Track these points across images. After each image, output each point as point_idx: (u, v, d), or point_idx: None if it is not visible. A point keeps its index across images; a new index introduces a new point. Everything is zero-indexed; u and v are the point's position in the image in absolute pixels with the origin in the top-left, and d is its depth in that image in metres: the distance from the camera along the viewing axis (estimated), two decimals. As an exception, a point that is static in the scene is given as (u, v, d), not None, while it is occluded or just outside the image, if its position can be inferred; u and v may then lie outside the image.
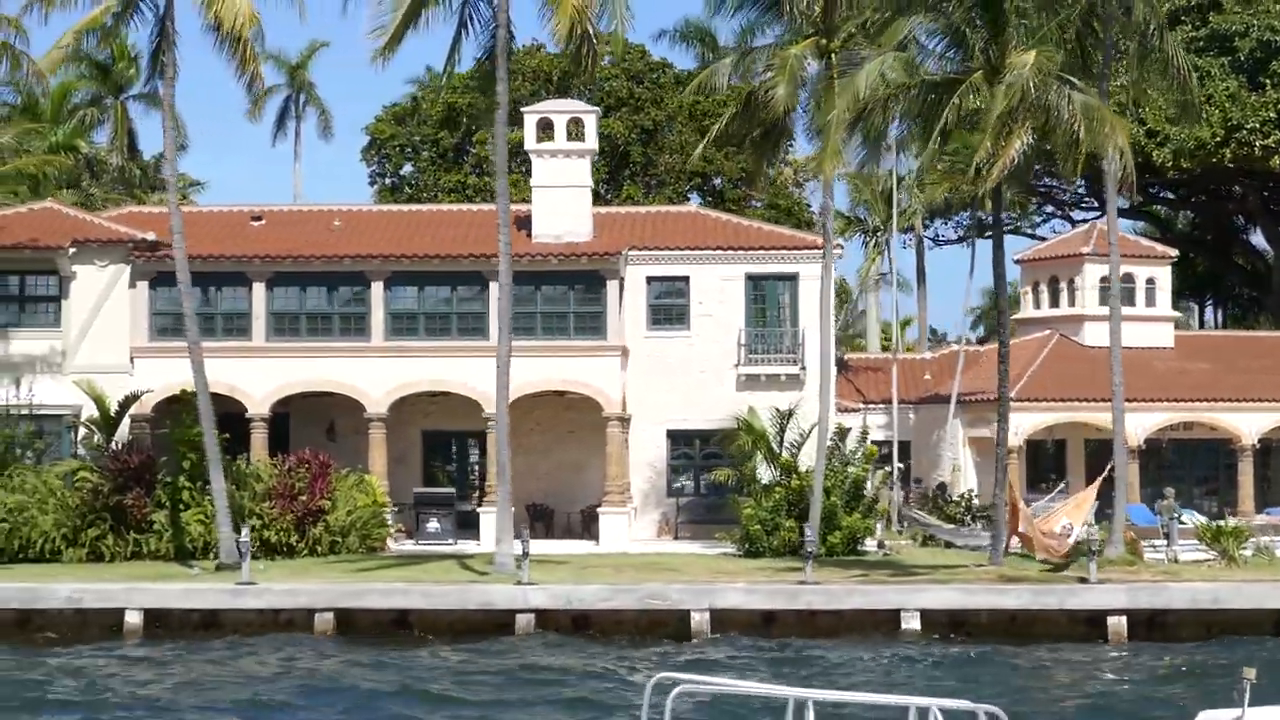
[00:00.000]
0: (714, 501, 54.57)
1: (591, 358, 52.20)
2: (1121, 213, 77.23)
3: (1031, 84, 37.65)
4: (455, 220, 57.59)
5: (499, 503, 43.56)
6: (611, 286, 52.36)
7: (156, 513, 48.13)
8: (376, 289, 52.66)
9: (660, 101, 76.06)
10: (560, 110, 55.54)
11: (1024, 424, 56.99)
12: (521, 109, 56.93)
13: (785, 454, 48.99)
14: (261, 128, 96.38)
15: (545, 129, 55.20)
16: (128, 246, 52.79)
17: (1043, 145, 40.02)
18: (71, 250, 52.30)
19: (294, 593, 40.55)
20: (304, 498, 48.61)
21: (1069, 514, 43.27)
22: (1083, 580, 40.60)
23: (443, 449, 56.26)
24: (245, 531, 42.07)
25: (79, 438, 52.20)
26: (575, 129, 54.89)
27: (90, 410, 51.76)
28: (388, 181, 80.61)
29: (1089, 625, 39.49)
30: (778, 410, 49.70)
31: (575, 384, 52.54)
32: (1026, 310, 65.05)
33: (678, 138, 75.19)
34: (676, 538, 54.08)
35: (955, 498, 54.39)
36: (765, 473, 49.59)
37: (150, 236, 52.72)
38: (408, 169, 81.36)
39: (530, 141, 55.07)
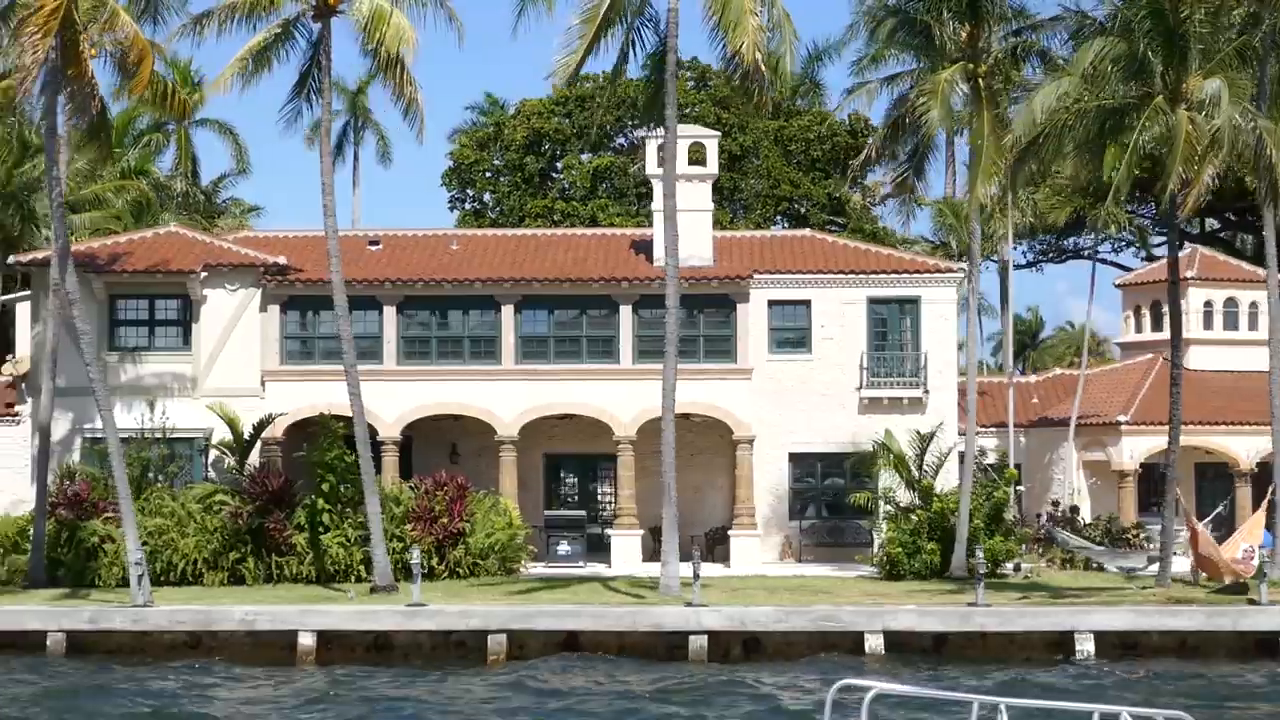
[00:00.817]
0: (836, 524, 54.83)
1: (721, 380, 52.50)
2: (1190, 237, 77.50)
3: (1226, 108, 37.91)
4: (570, 244, 57.89)
5: (665, 526, 43.75)
6: (741, 310, 52.68)
7: (296, 536, 48.15)
8: (507, 312, 52.95)
9: (744, 127, 76.33)
10: (683, 135, 55.75)
11: (1139, 448, 57.32)
12: (644, 134, 57.18)
13: (925, 477, 49.12)
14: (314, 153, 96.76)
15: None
16: (258, 270, 53.04)
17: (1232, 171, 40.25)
18: (203, 274, 52.53)
19: (466, 615, 40.71)
20: (444, 520, 48.75)
21: (1245, 538, 43.57)
22: (1252, 602, 40.81)
23: (566, 472, 56.34)
24: (416, 553, 42.33)
25: (209, 461, 52.37)
26: (697, 154, 55.12)
27: (220, 433, 52.01)
28: (468, 206, 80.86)
29: (1260, 648, 39.72)
30: (919, 434, 49.93)
31: (705, 407, 52.78)
32: (1127, 334, 65.32)
33: (764, 162, 75.48)
34: (799, 560, 54.23)
35: (1090, 520, 54.67)
36: (902, 495, 49.80)
37: (281, 260, 52.98)
38: (487, 195, 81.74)
39: (651, 166, 55.31)
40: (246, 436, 51.52)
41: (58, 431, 52.92)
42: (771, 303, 54.94)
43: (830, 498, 55.12)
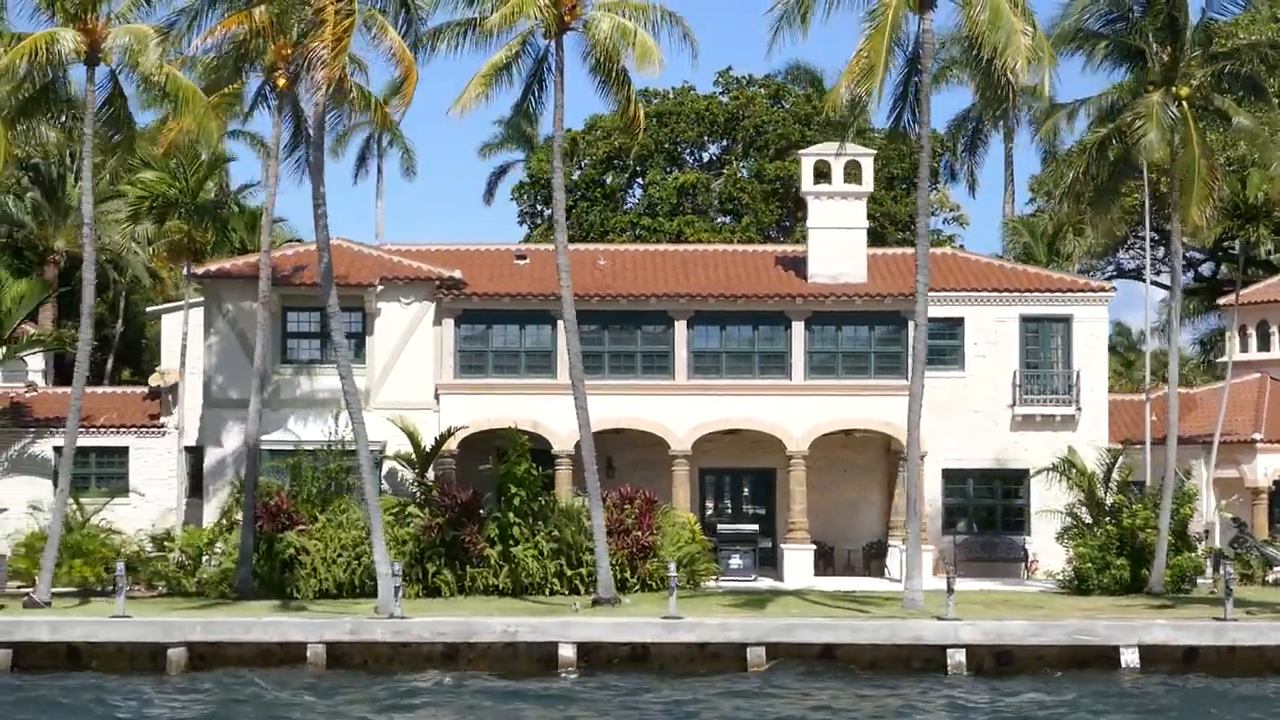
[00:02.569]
0: (989, 539, 55.74)
1: (891, 397, 53.13)
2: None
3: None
4: (717, 260, 58.55)
5: (910, 540, 44.56)
6: (911, 327, 53.37)
7: (488, 549, 48.53)
8: (680, 328, 53.52)
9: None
10: (838, 153, 56.63)
11: (1272, 465, 58.50)
12: (799, 152, 58.04)
13: (1112, 494, 50.11)
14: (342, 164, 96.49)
15: (821, 173, 56.23)
16: (433, 284, 53.35)
17: None
18: (379, 287, 52.79)
19: (726, 627, 41.32)
20: (636, 534, 49.29)
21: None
22: None
23: (722, 486, 56.98)
24: (673, 567, 42.84)
25: (384, 473, 52.67)
26: (852, 172, 55.98)
27: (393, 446, 52.31)
28: (538, 221, 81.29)
29: None
30: (1109, 450, 50.95)
31: (874, 422, 53.66)
32: (1233, 353, 66.59)
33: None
34: (954, 575, 54.88)
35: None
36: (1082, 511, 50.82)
37: (457, 274, 53.34)
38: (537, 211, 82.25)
39: (807, 184, 56.13)
40: (428, 449, 51.69)
41: (230, 444, 53.02)
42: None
43: (983, 513, 55.91)
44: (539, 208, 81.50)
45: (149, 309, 63.64)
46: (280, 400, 52.74)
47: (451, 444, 52.48)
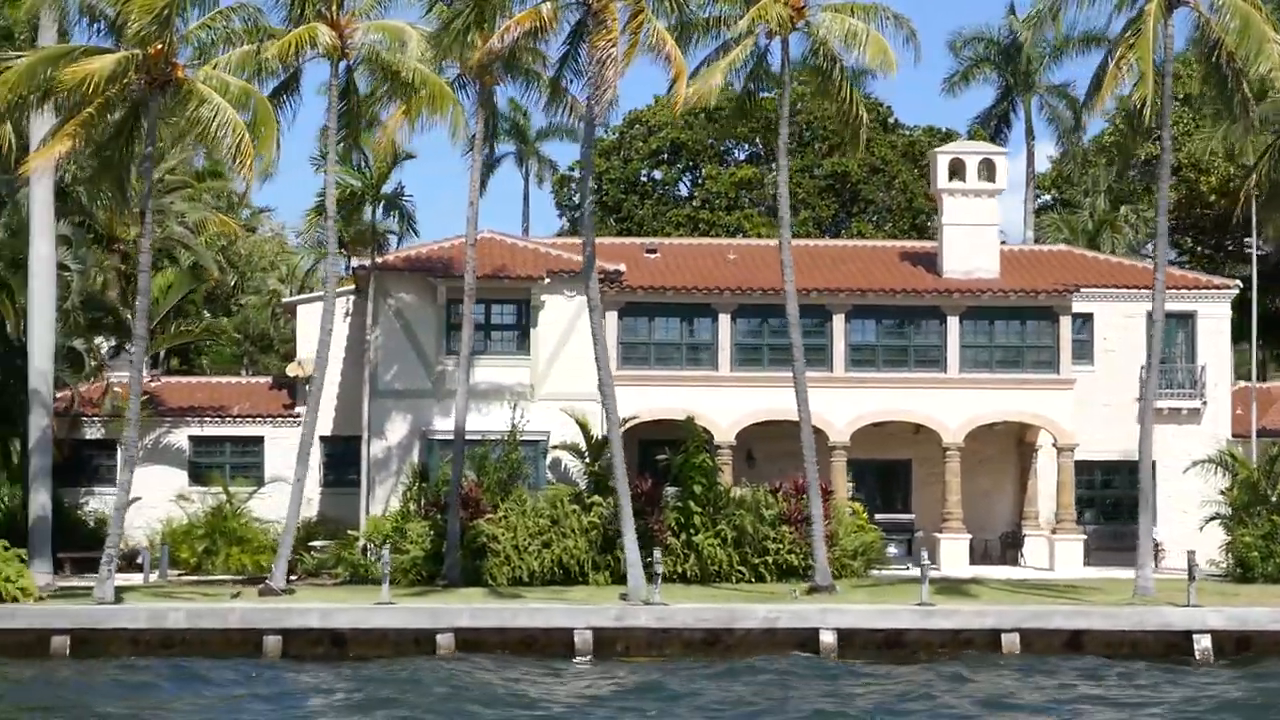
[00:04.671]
0: (1118, 529, 57.42)
1: (1044, 390, 54.70)
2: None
3: None
4: (843, 255, 59.78)
5: (1141, 531, 45.96)
6: (1064, 322, 54.99)
7: (671, 537, 49.37)
8: (837, 321, 54.63)
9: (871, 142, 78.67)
10: (972, 151, 58.06)
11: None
12: (934, 150, 59.36)
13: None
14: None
15: (956, 170, 57.56)
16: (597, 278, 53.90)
17: None
18: (545, 280, 53.42)
19: (981, 614, 42.54)
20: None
21: None
22: None
23: (864, 477, 58.08)
24: (924, 555, 44.01)
25: (548, 462, 53.37)
26: (986, 170, 57.39)
27: (557, 436, 53.01)
28: (578, 215, 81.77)
29: None
30: (1275, 444, 52.72)
31: (1026, 415, 55.10)
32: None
33: (902, 175, 78.04)
34: (1086, 565, 56.61)
35: None
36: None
37: (621, 268, 54.08)
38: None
39: (941, 181, 57.40)
40: (597, 439, 52.42)
41: (395, 435, 53.43)
42: (1058, 316, 57.22)
43: (1110, 503, 57.64)
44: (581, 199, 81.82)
45: (284, 300, 63.65)
46: (445, 391, 53.08)
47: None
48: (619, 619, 42.08)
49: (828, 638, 41.89)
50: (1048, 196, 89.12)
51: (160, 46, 40.96)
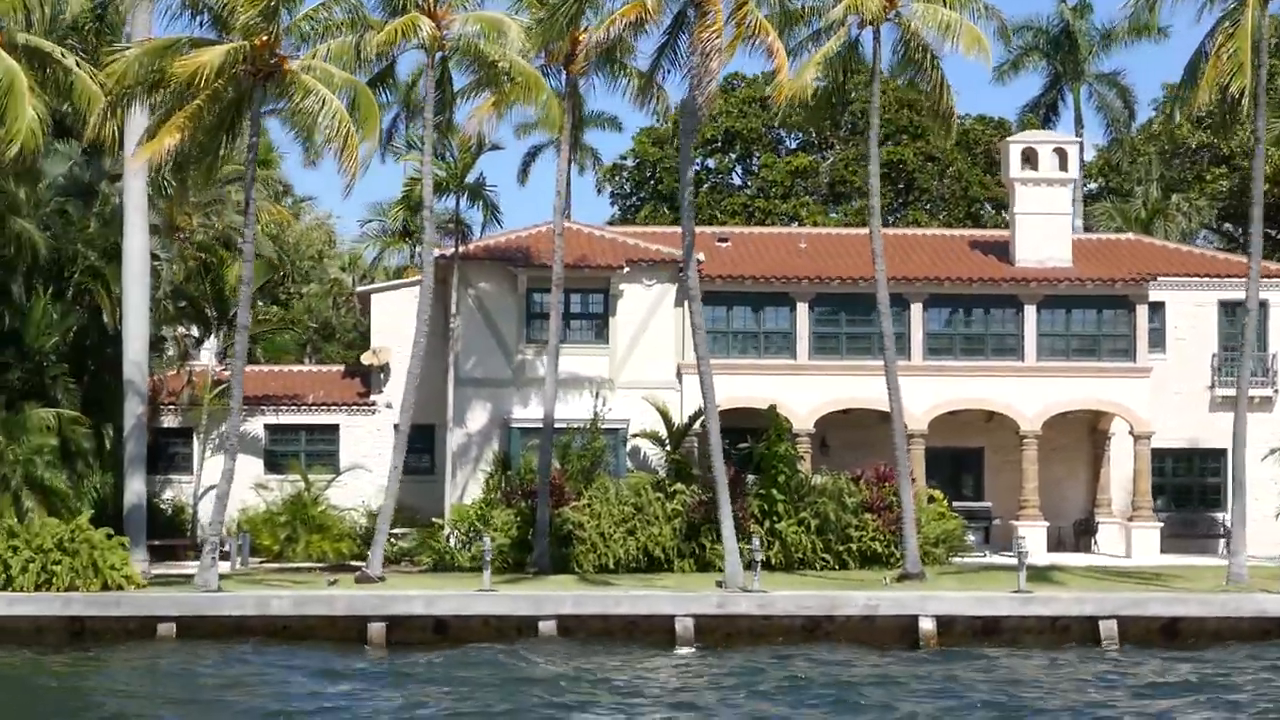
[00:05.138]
0: (1188, 517, 57.76)
1: (1121, 378, 54.94)
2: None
3: None
4: (915, 244, 59.96)
5: (1234, 518, 46.15)
6: (1140, 311, 55.21)
7: (754, 525, 49.60)
8: (915, 310, 54.86)
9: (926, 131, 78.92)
10: (1045, 141, 58.28)
11: None
12: (1006, 140, 59.59)
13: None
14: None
15: (1029, 159, 57.76)
16: (675, 266, 54.31)
17: None
18: (625, 269, 53.67)
19: (1080, 601, 42.75)
20: (899, 511, 50.53)
21: None
22: None
23: (940, 464, 58.30)
24: (1021, 543, 44.25)
25: (627, 450, 53.64)
26: (1059, 159, 57.61)
27: (636, 424, 53.29)
28: (632, 201, 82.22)
29: None
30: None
31: (1104, 403, 55.33)
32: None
33: (957, 165, 78.25)
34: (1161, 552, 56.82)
35: None
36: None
37: (700, 257, 54.24)
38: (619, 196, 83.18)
39: (1014, 170, 57.62)
40: (679, 428, 52.68)
41: (476, 423, 53.73)
42: (1130, 304, 57.45)
43: (1181, 491, 57.93)
44: (631, 188, 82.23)
45: (358, 289, 63.95)
46: (525, 379, 53.37)
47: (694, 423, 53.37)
48: (721, 606, 42.32)
49: (927, 625, 42.12)
50: (1093, 185, 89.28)
51: (266, 38, 41.16)
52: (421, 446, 56.90)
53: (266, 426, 57.73)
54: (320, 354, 73.23)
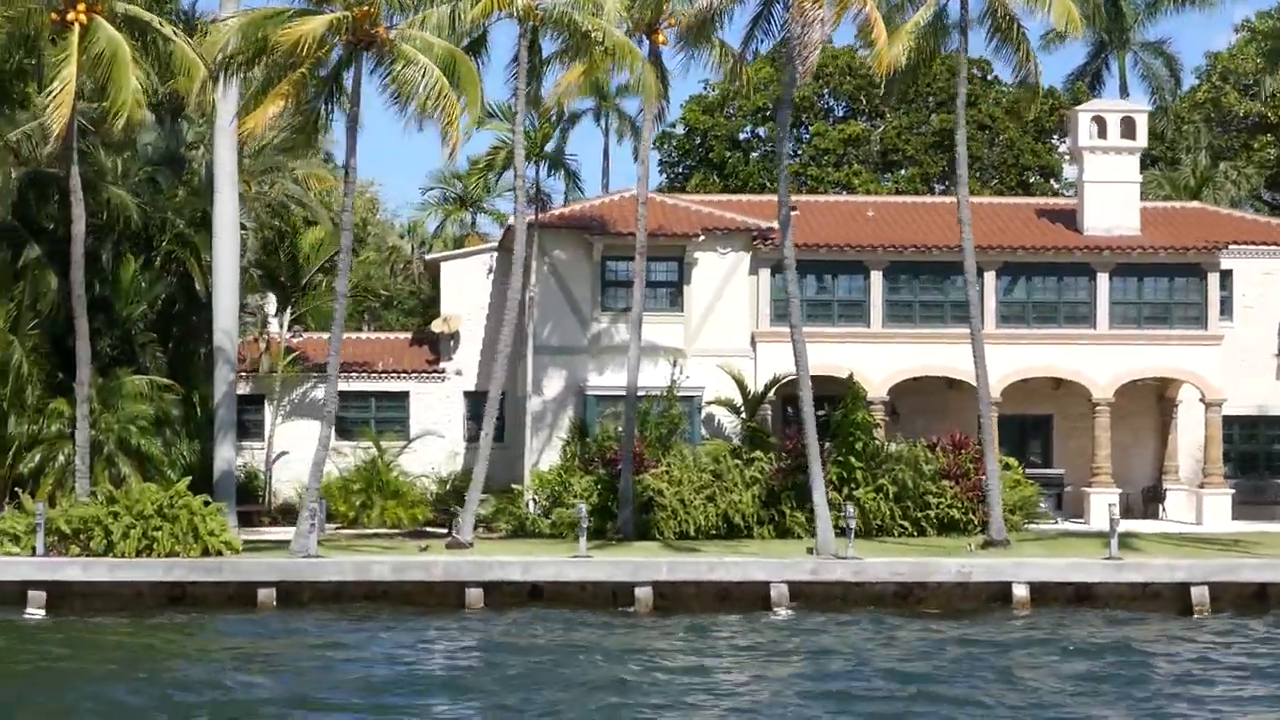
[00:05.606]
0: (1257, 484, 58.07)
1: (1193, 346, 55.23)
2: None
3: None
4: (981, 213, 59.77)
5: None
6: (1212, 279, 55.47)
7: (835, 492, 49.83)
8: (988, 278, 55.04)
9: (978, 99, 79.14)
10: (1114, 109, 58.45)
11: None
12: (1075, 108, 59.75)
13: None
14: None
15: (1100, 126, 57.88)
16: (749, 234, 54.56)
17: None
18: (700, 238, 53.90)
19: (1172, 568, 43.11)
20: (976, 478, 50.88)
21: None
22: None
23: (1008, 431, 58.42)
24: (1115, 509, 44.51)
25: (701, 417, 53.93)
26: (1127, 127, 57.77)
27: (711, 392, 53.59)
28: (679, 170, 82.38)
29: None
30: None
31: (1176, 370, 55.61)
32: None
33: (1008, 133, 78.47)
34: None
35: None
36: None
37: (773, 225, 54.48)
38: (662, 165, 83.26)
39: (1084, 139, 57.74)
40: (754, 395, 52.97)
41: (552, 390, 54.03)
42: (1198, 272, 57.67)
43: (1248, 458, 58.26)
44: (679, 156, 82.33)
45: (428, 256, 64.20)
46: (600, 347, 53.67)
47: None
48: (815, 573, 42.69)
49: (1020, 591, 42.48)
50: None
51: (367, 7, 41.29)
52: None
53: (338, 394, 57.70)
54: (379, 321, 73.46)
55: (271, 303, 58.23)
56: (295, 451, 56.45)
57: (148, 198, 48.48)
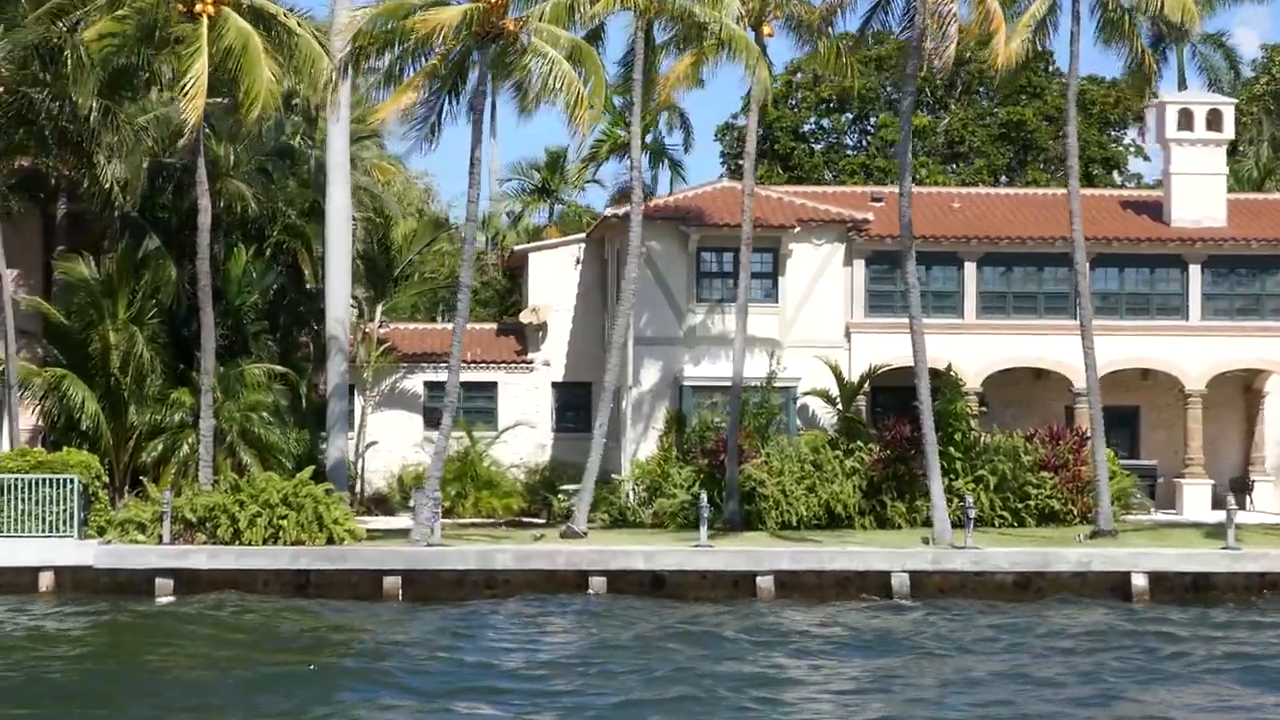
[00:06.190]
0: (1317, 477, 58.38)
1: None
2: None
3: None
4: (1064, 204, 60.13)
5: None
6: (1316, 271, 55.75)
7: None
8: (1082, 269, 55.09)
9: (1044, 90, 79.35)
10: (1201, 102, 58.64)
11: None
12: (1163, 100, 59.89)
13: None
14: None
15: (1186, 119, 58.07)
16: (844, 226, 54.74)
17: None
18: (795, 229, 54.12)
19: (1286, 558, 43.30)
20: (1076, 468, 51.05)
21: None
22: None
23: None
24: (1230, 500, 44.69)
25: (797, 408, 54.12)
26: (1214, 120, 57.97)
27: (806, 383, 53.80)
28: (740, 163, 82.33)
29: None
30: None
31: (1268, 363, 56.08)
32: None
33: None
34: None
35: None
36: None
37: (868, 217, 54.76)
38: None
39: (1170, 131, 57.93)
40: (852, 385, 53.17)
41: (648, 380, 54.25)
42: None
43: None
44: (740, 148, 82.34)
45: (516, 247, 64.42)
46: (696, 338, 53.90)
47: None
48: (935, 562, 42.91)
49: (1139, 581, 42.69)
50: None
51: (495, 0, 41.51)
52: (577, 403, 57.46)
53: (426, 384, 58.18)
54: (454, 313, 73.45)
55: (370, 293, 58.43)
56: (385, 442, 56.69)
57: (259, 188, 48.66)
